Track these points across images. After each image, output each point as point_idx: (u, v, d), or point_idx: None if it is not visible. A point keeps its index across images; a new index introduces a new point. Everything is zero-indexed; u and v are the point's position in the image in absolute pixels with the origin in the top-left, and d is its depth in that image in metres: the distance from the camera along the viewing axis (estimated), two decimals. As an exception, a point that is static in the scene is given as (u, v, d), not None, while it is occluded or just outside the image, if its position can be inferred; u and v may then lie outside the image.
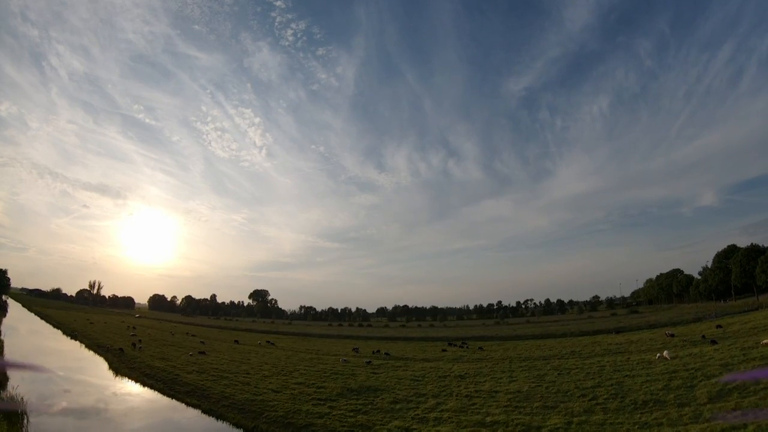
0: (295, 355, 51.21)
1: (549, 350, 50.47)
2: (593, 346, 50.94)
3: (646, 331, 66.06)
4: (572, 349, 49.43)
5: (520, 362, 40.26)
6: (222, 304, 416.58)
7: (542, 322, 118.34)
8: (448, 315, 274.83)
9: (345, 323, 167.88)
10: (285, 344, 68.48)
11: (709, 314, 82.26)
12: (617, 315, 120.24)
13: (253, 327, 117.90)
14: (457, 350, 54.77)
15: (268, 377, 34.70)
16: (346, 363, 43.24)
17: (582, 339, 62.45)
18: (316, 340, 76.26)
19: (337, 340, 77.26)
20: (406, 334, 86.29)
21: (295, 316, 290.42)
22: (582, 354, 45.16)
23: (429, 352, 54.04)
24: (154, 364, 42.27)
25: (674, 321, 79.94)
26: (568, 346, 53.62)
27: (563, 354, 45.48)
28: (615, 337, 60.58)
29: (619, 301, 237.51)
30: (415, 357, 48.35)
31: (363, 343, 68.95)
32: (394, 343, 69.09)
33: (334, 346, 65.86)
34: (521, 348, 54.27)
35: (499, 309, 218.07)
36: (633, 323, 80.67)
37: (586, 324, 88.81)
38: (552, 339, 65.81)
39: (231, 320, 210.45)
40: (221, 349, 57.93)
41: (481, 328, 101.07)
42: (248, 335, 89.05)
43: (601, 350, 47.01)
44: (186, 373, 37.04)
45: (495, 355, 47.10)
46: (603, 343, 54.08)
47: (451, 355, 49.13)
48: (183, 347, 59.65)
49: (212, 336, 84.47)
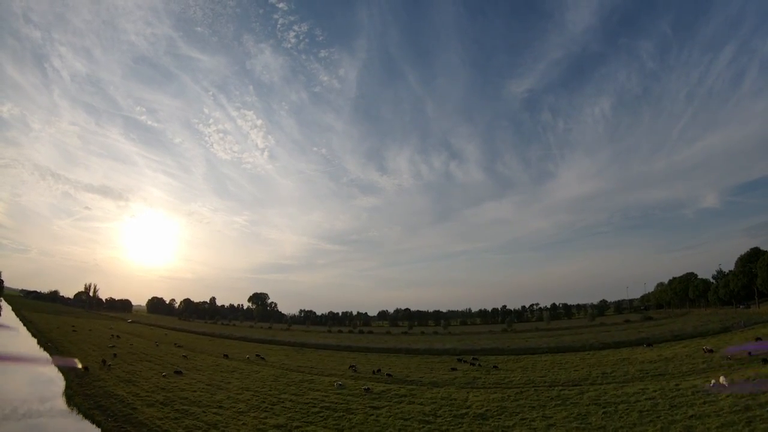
0: (284, 376, 44.78)
1: (575, 370, 44.04)
2: (625, 366, 44.49)
3: (676, 345, 59.58)
4: (602, 370, 43.00)
5: (548, 391, 33.81)
6: (221, 308, 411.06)
7: (553, 329, 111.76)
8: (451, 319, 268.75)
9: (345, 329, 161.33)
10: (276, 358, 62.07)
11: (737, 322, 75.70)
12: (631, 322, 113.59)
13: (248, 334, 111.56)
14: (468, 369, 48.34)
15: (244, 413, 28.33)
16: (341, 389, 36.84)
17: (606, 354, 55.95)
18: (311, 353, 69.85)
19: (334, 352, 70.86)
20: (409, 344, 79.84)
21: (295, 320, 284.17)
22: (617, 377, 38.72)
23: (436, 371, 47.60)
24: (115, 390, 35.95)
25: (699, 330, 73.44)
26: (595, 364, 47.22)
27: (595, 377, 39.00)
28: (644, 352, 54.07)
29: (627, 304, 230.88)
30: (422, 380, 41.87)
31: (362, 357, 62.53)
32: (397, 357, 62.66)
33: (331, 360, 59.46)
34: (541, 367, 47.82)
35: (503, 314, 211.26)
36: (656, 333, 74.11)
37: (603, 334, 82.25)
38: (572, 353, 59.30)
39: (228, 325, 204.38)
40: (203, 366, 51.61)
41: (489, 337, 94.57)
42: (239, 346, 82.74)
43: (636, 372, 40.57)
44: (147, 406, 30.72)
45: (514, 378, 40.62)
46: (634, 360, 47.66)
47: (463, 377, 42.68)
48: (161, 363, 53.39)
49: (200, 347, 78.19)
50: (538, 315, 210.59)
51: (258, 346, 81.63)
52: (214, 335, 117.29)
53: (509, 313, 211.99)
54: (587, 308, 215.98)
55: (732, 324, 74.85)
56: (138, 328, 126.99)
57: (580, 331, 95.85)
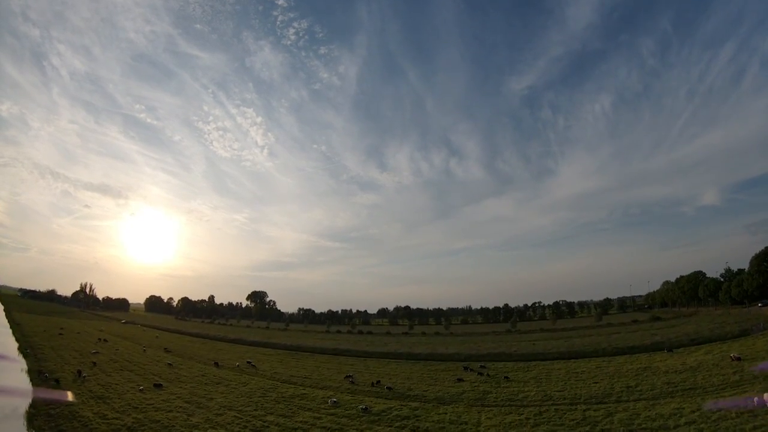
0: (274, 390, 40.69)
1: (594, 383, 40.02)
2: (649, 377, 40.51)
3: (697, 350, 55.65)
4: (625, 382, 38.99)
5: (570, 411, 29.79)
6: (220, 306, 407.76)
7: (558, 330, 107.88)
8: (452, 317, 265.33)
9: (344, 328, 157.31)
10: (269, 366, 58.03)
11: (756, 325, 71.85)
12: (640, 323, 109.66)
13: (243, 336, 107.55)
14: (476, 380, 44.32)
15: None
16: (335, 407, 32.79)
17: (623, 361, 51.99)
18: (307, 358, 65.83)
19: (331, 357, 66.85)
20: (411, 347, 75.87)
21: (294, 318, 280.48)
22: (643, 392, 34.70)
23: (441, 382, 43.58)
24: (81, 411, 31.85)
25: (717, 334, 69.54)
26: (615, 375, 43.19)
27: (619, 393, 34.95)
28: (665, 359, 50.08)
29: (630, 302, 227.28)
30: (426, 394, 37.80)
31: (361, 364, 58.47)
32: (397, 364, 58.61)
33: (327, 368, 55.43)
34: (556, 377, 43.81)
35: (506, 312, 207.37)
36: (671, 336, 70.22)
37: (614, 336, 78.30)
38: (585, 360, 55.32)
39: (225, 324, 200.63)
40: (187, 377, 47.51)
41: (494, 339, 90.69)
42: (232, 350, 78.72)
43: (664, 385, 36.53)
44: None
45: (529, 393, 36.55)
46: (657, 370, 43.67)
47: (472, 391, 38.63)
48: (142, 373, 49.33)
49: (190, 352, 74.13)
50: (541, 313, 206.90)
51: (251, 350, 77.64)
52: (208, 337, 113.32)
53: (511, 312, 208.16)
54: (590, 306, 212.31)
55: (751, 326, 70.99)
56: (130, 330, 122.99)
57: (588, 333, 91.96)
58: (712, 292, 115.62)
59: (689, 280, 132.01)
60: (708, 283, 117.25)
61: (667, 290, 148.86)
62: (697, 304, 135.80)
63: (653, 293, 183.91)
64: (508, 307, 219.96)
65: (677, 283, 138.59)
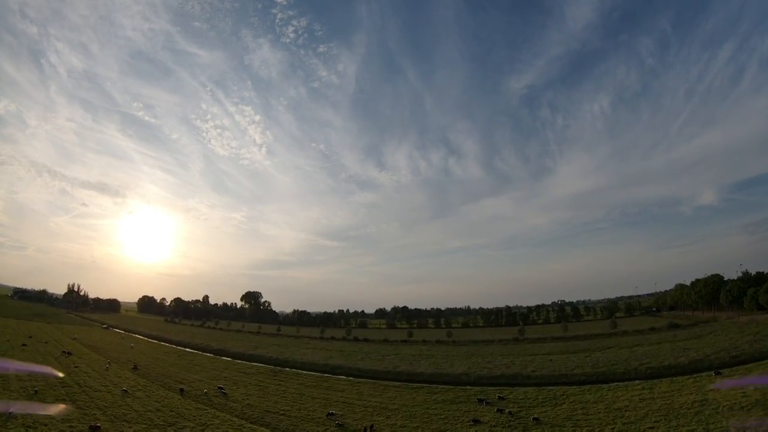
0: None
1: (649, 428, 31.33)
2: (713, 415, 31.88)
3: (750, 373, 47.07)
4: (687, 427, 30.37)
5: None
6: (214, 306, 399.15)
7: (570, 338, 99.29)
8: (451, 317, 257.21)
9: (339, 332, 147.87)
10: (243, 393, 49.05)
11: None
12: (658, 330, 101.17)
13: (227, 346, 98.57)
14: (497, 420, 35.51)
15: None
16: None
17: (667, 388, 43.25)
18: (291, 378, 56.87)
19: (319, 379, 57.85)
20: (411, 364, 67.09)
21: (287, 320, 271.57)
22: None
23: (452, 424, 34.78)
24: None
25: (758, 349, 61.24)
26: (668, 412, 34.34)
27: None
28: (725, 391, 41.22)
29: (635, 302, 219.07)
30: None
31: (353, 390, 49.51)
32: (396, 391, 49.63)
33: (311, 397, 46.54)
34: (595, 417, 35.03)
35: (508, 316, 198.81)
36: (707, 351, 61.68)
37: (640, 351, 69.62)
38: (621, 387, 46.56)
39: (214, 328, 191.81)
40: (136, 415, 38.38)
41: (502, 351, 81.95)
42: (210, 366, 69.74)
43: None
44: None
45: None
46: (717, 404, 34.98)
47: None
48: (86, 406, 40.18)
49: (159, 369, 65.06)
50: (545, 316, 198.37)
51: (231, 366, 68.70)
52: (189, 346, 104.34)
53: (513, 315, 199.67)
54: (596, 309, 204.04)
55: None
56: (107, 338, 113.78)
57: (606, 343, 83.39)
58: (736, 297, 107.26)
59: (707, 283, 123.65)
60: (731, 288, 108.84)
61: (682, 293, 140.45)
62: (714, 309, 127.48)
63: (664, 295, 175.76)
64: (510, 309, 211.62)
65: (693, 287, 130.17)
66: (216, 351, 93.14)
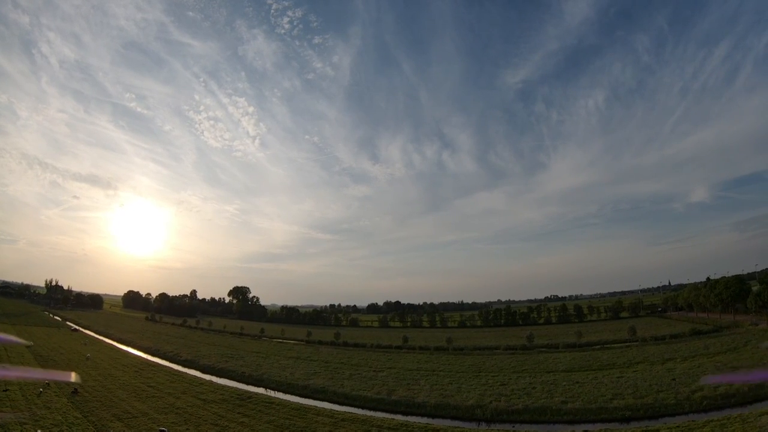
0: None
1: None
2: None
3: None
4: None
5: None
6: (201, 302, 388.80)
7: (584, 347, 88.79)
8: (445, 314, 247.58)
9: (328, 333, 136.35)
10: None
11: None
12: (680, 338, 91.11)
13: (198, 357, 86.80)
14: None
15: None
16: None
17: (740, 428, 32.47)
18: (257, 413, 45.19)
19: (293, 413, 46.21)
20: (410, 389, 55.78)
21: (275, 317, 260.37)
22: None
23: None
24: None
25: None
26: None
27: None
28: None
29: (637, 300, 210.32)
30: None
31: (328, 425, 38.01)
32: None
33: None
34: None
35: (508, 315, 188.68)
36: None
37: (679, 368, 59.05)
38: (684, 428, 35.65)
39: (195, 328, 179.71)
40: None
41: (513, 363, 71.02)
42: (166, 389, 57.86)
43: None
44: None
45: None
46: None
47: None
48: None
49: (103, 394, 53.09)
50: (546, 316, 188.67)
51: (191, 389, 56.88)
52: (157, 354, 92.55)
53: (514, 314, 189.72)
54: (599, 308, 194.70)
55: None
56: (66, 345, 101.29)
57: (630, 355, 72.80)
58: (766, 303, 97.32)
59: (728, 285, 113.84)
60: (761, 292, 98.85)
61: (698, 295, 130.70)
62: (734, 313, 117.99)
63: (675, 295, 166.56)
64: (510, 308, 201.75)
65: (712, 288, 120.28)
66: (184, 362, 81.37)
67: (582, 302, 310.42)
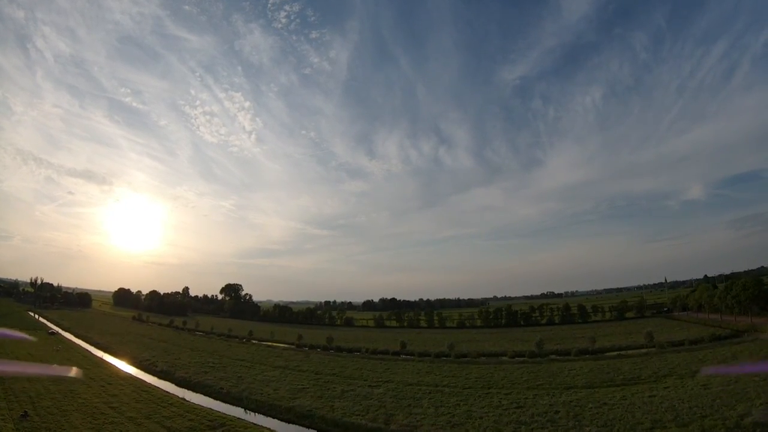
0: None
1: None
2: None
3: None
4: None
5: None
6: (194, 299, 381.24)
7: (599, 355, 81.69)
8: (443, 309, 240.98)
9: (322, 334, 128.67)
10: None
11: None
12: (704, 345, 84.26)
13: (176, 365, 78.99)
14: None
15: None
16: None
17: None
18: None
19: None
20: (409, 416, 48.48)
21: (269, 315, 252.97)
22: None
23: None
24: None
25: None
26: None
27: None
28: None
29: (640, 299, 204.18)
30: None
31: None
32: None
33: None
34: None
35: (509, 315, 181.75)
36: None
37: (718, 389, 51.82)
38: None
39: (181, 329, 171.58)
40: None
41: (526, 377, 63.70)
42: (134, 405, 50.01)
43: None
44: None
45: None
46: None
47: None
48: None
49: (55, 421, 45.15)
50: (549, 317, 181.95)
51: (158, 411, 49.04)
52: (133, 362, 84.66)
53: (515, 314, 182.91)
54: (604, 308, 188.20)
55: None
56: (36, 352, 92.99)
57: (654, 366, 65.58)
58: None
59: (746, 286, 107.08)
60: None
61: (711, 296, 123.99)
62: (750, 315, 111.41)
63: (684, 295, 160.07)
64: (510, 307, 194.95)
65: (728, 290, 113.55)
66: (159, 373, 73.59)
67: (580, 299, 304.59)
